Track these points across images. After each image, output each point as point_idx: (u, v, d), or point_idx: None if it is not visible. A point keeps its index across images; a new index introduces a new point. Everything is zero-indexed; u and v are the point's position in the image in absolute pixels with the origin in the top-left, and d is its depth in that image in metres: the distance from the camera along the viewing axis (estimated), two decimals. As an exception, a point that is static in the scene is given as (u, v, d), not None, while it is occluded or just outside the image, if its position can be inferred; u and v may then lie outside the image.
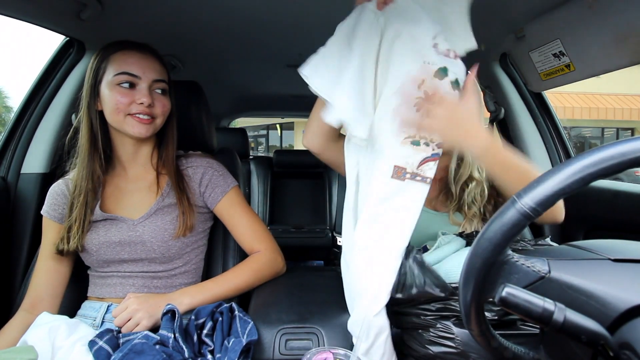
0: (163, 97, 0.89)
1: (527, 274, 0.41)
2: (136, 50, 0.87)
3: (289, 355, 0.77)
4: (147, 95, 0.84)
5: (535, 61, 1.12)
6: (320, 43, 0.76)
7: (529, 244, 0.66)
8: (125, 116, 0.84)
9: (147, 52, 0.88)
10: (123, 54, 0.85)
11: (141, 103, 0.83)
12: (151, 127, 0.87)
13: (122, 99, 0.83)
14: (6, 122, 10.66)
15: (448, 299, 0.67)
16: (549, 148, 1.30)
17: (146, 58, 0.87)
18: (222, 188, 0.95)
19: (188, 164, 0.96)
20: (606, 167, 0.34)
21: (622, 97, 10.01)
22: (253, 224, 0.97)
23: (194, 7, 1.04)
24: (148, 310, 0.79)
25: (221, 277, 0.91)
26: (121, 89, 0.83)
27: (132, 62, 0.84)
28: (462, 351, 0.66)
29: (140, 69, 0.84)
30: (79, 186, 0.87)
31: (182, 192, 0.91)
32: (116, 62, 0.84)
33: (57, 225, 0.89)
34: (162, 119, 0.89)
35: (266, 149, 14.53)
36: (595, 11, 0.87)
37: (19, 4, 0.90)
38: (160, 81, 0.88)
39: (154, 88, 0.87)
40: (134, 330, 0.77)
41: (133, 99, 0.83)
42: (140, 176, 0.93)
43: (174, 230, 0.88)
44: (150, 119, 0.86)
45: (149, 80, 0.85)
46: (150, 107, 0.85)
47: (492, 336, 0.45)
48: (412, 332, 0.73)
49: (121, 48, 0.86)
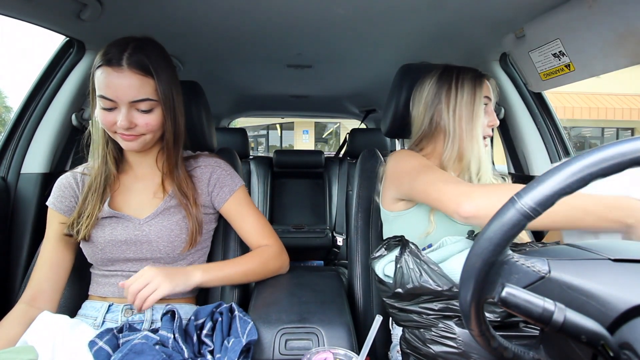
0: (146, 115, 0.83)
1: (527, 274, 0.41)
2: (113, 69, 0.78)
3: (289, 355, 0.77)
4: (125, 119, 0.80)
5: (535, 61, 1.12)
6: (321, 43, 0.76)
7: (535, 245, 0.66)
8: (114, 134, 0.84)
9: (124, 67, 0.78)
10: (101, 73, 0.79)
11: (121, 124, 0.80)
12: (139, 143, 0.85)
13: (106, 119, 0.81)
14: (6, 122, 10.66)
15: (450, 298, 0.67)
16: (549, 148, 1.30)
17: (121, 77, 0.78)
18: (229, 187, 0.96)
19: (196, 164, 0.98)
20: (606, 167, 0.34)
21: (622, 97, 10.01)
22: (260, 222, 0.99)
23: (194, 7, 1.04)
24: (167, 275, 0.78)
25: (232, 260, 0.95)
26: (103, 111, 0.81)
27: (107, 85, 0.78)
28: (463, 351, 0.66)
29: (114, 93, 0.78)
30: (95, 182, 0.88)
31: (189, 196, 0.91)
32: (97, 81, 0.80)
33: (63, 217, 0.89)
34: (151, 135, 0.85)
35: (266, 149, 14.52)
36: (595, 11, 0.87)
37: (19, 4, 0.90)
38: (139, 101, 0.81)
39: (135, 108, 0.82)
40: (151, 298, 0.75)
41: (114, 120, 0.81)
42: (148, 176, 0.94)
43: (180, 231, 0.89)
44: (135, 135, 0.83)
45: (126, 103, 0.80)
46: (131, 129, 0.82)
47: (492, 336, 0.45)
48: (414, 331, 0.73)
49: (100, 64, 0.79)
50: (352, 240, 1.13)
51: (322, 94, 2.34)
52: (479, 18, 1.09)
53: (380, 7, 1.03)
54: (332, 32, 1.23)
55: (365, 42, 1.34)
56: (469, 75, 0.95)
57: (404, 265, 0.71)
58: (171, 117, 0.87)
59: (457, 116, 0.95)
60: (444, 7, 1.02)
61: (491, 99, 0.97)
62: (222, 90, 2.16)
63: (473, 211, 0.71)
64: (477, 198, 0.72)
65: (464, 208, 0.72)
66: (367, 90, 2.19)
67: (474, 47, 1.30)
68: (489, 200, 0.72)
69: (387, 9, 1.05)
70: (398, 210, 0.98)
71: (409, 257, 0.71)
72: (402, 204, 0.97)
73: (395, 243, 0.81)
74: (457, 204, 0.73)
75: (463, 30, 1.19)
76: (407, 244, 0.75)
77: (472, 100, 0.93)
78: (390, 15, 1.09)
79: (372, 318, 0.64)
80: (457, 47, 1.33)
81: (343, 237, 2.38)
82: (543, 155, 1.30)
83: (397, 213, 0.98)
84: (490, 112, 0.98)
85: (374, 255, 0.84)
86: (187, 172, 0.94)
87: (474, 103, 0.93)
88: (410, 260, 0.71)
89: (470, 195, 0.73)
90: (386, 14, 1.08)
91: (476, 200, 0.72)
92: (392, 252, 0.81)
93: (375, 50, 1.44)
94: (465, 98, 0.94)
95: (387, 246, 0.83)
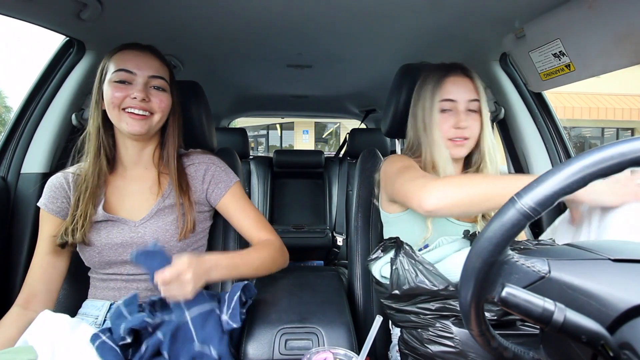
0: (160, 93, 0.88)
1: (527, 274, 0.41)
2: (136, 49, 0.89)
3: (289, 355, 0.77)
4: (142, 90, 0.85)
5: (535, 61, 1.11)
6: (321, 43, 0.76)
7: (530, 244, 0.66)
8: (120, 111, 0.85)
9: (147, 50, 0.90)
10: (123, 53, 0.87)
11: (134, 97, 0.84)
12: (146, 124, 0.86)
13: (117, 94, 0.84)
14: (6, 122, 10.65)
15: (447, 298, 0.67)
16: (549, 148, 1.30)
17: (144, 55, 0.88)
18: (225, 183, 0.96)
19: (189, 161, 0.97)
20: (606, 167, 0.34)
21: (622, 97, 10.00)
22: (258, 217, 0.99)
23: (194, 7, 1.04)
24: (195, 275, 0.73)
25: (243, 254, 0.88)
26: (117, 85, 0.85)
27: (128, 59, 0.86)
28: (461, 350, 0.66)
29: (135, 65, 0.86)
30: (86, 182, 0.87)
31: (184, 193, 0.91)
32: (116, 61, 0.87)
33: (54, 218, 0.89)
34: (160, 115, 0.88)
35: (266, 149, 14.52)
36: (595, 11, 0.87)
37: (19, 4, 0.90)
38: (157, 77, 0.88)
39: (151, 84, 0.87)
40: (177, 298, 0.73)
41: (127, 94, 0.84)
42: (141, 177, 0.93)
43: (175, 231, 0.88)
44: (146, 115, 0.86)
45: (145, 76, 0.86)
46: (145, 102, 0.85)
47: (492, 336, 0.45)
48: (412, 331, 0.73)
49: (123, 48, 0.89)
50: (352, 240, 1.13)
51: (322, 94, 2.34)
52: (479, 18, 1.09)
53: (380, 7, 1.03)
54: (332, 32, 1.23)
55: (365, 42, 1.34)
56: (434, 77, 0.94)
57: (400, 266, 0.71)
58: (176, 108, 0.94)
59: (416, 122, 0.97)
60: (444, 7, 1.02)
61: (455, 100, 0.93)
62: (222, 90, 2.15)
63: (434, 204, 0.73)
64: (436, 191, 0.74)
65: (425, 202, 0.73)
66: (367, 90, 2.19)
67: (474, 47, 1.30)
68: (447, 191, 0.73)
69: (387, 9, 1.05)
70: (394, 212, 0.98)
71: (404, 258, 0.71)
72: (396, 206, 0.97)
73: (391, 245, 0.81)
74: (419, 199, 0.75)
75: (463, 30, 1.18)
76: (402, 245, 0.75)
77: (430, 106, 0.93)
78: (390, 15, 1.09)
79: (372, 318, 0.64)
80: (457, 47, 1.33)
81: (343, 237, 2.38)
82: (543, 155, 1.30)
83: (394, 215, 0.98)
84: (455, 114, 0.93)
85: (371, 257, 0.84)
86: (183, 168, 0.95)
87: (432, 108, 0.93)
88: (405, 261, 0.71)
89: (429, 188, 0.75)
90: (386, 14, 1.08)
91: (435, 193, 0.74)
92: (388, 253, 0.81)
93: (375, 50, 1.44)
94: (421, 103, 0.95)
95: (383, 248, 0.83)
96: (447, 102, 0.93)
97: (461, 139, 0.93)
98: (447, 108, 0.93)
